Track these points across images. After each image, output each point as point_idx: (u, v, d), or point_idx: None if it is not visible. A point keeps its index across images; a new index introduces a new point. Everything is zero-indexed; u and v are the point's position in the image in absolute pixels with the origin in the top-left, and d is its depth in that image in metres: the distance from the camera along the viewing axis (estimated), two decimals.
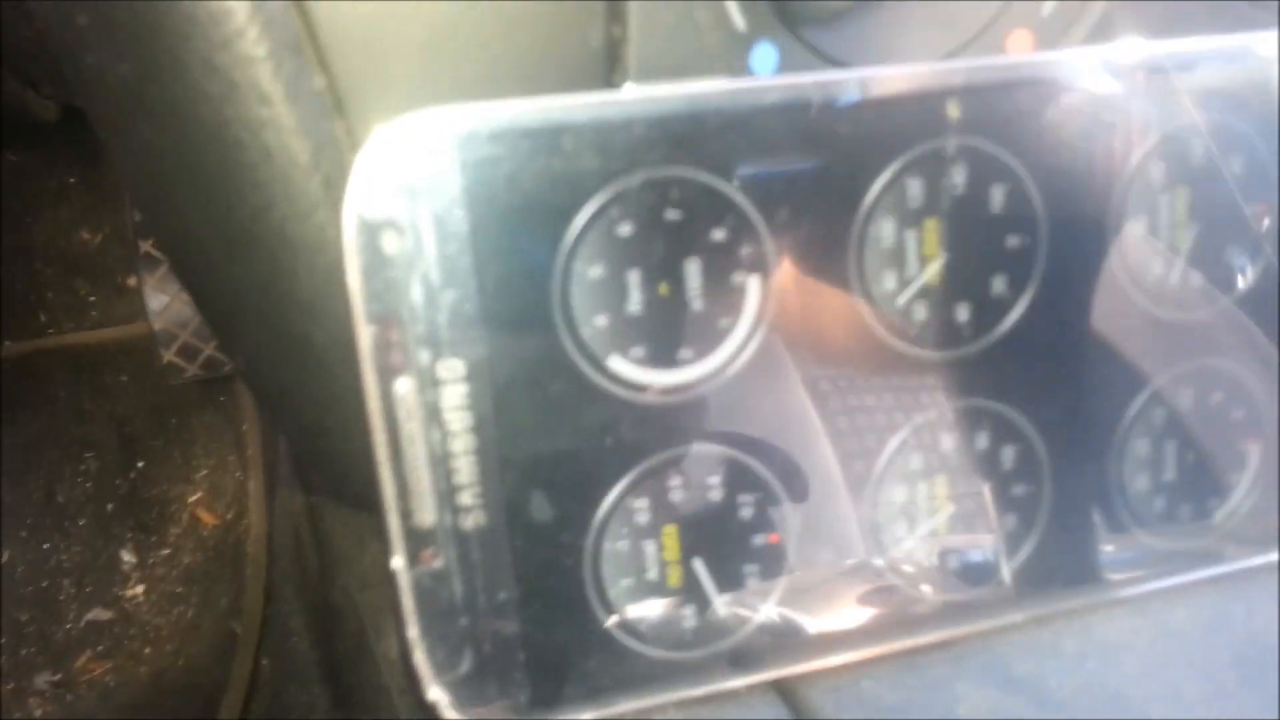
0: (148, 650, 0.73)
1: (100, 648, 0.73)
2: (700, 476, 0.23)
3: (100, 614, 0.75)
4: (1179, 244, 0.26)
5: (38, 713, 0.68)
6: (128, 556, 0.78)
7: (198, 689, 0.70)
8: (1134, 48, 0.24)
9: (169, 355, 0.75)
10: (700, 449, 0.23)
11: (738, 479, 0.24)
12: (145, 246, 0.79)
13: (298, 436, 0.27)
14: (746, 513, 0.24)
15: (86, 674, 0.71)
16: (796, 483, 0.24)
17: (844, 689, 0.25)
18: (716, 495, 0.23)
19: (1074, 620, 0.27)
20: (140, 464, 0.81)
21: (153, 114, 0.20)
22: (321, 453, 0.26)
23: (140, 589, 0.76)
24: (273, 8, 0.19)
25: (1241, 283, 0.26)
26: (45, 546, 0.77)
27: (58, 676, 0.71)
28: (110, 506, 0.79)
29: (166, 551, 0.79)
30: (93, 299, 0.87)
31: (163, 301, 0.77)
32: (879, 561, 0.25)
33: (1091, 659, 0.26)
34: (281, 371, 0.24)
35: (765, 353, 0.23)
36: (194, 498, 0.81)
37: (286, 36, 0.19)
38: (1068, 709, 0.25)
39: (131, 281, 0.88)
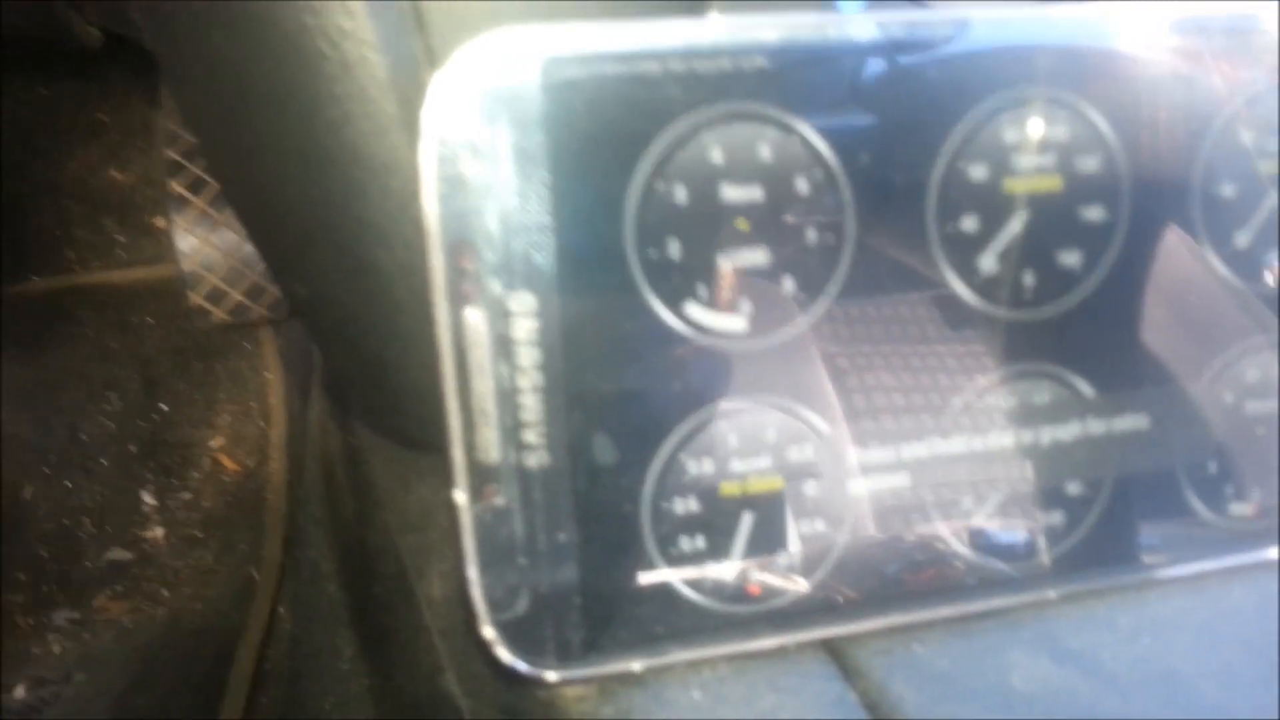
0: (166, 592, 0.74)
1: (119, 588, 0.73)
2: (763, 430, 0.23)
3: (120, 554, 0.76)
4: (1261, 212, 0.25)
5: (56, 649, 0.69)
6: (149, 498, 0.79)
7: (214, 633, 0.70)
8: (1224, 6, 0.24)
9: (197, 299, 0.74)
10: (766, 401, 0.23)
11: (802, 433, 0.23)
12: (177, 187, 0.78)
13: (354, 369, 0.26)
14: (806, 472, 0.23)
15: (104, 613, 0.72)
16: (862, 438, 0.23)
17: (895, 652, 0.24)
18: (779, 449, 0.23)
19: (1130, 596, 0.26)
20: (163, 407, 0.82)
21: (229, 20, 0.20)
22: (378, 387, 0.26)
23: (160, 531, 0.77)
24: None
25: None
26: (68, 484, 0.77)
27: (76, 614, 0.71)
28: (133, 448, 0.80)
29: (187, 495, 0.79)
30: (121, 238, 0.87)
31: (192, 244, 0.77)
32: (936, 527, 0.24)
33: (1145, 635, 0.26)
34: (345, 299, 0.24)
35: (840, 307, 0.22)
36: (216, 443, 0.82)
37: None
38: (1120, 683, 0.24)
39: (160, 223, 0.88)
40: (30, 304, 0.84)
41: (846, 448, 0.23)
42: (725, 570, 0.23)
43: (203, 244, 0.77)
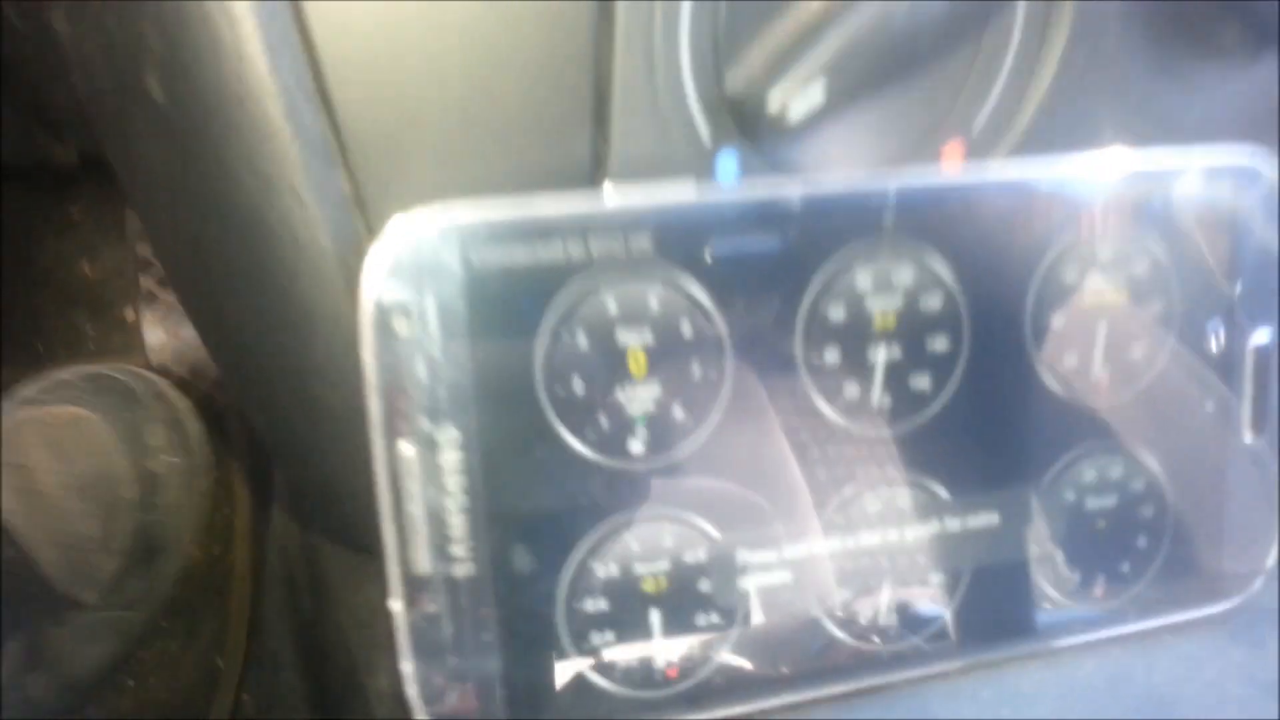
0: (131, 682, 0.74)
1: None
2: (662, 536, 0.26)
3: None
4: (1089, 337, 0.29)
5: None
6: None
7: None
8: (1039, 162, 0.28)
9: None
10: (662, 511, 0.26)
11: (695, 539, 0.26)
12: (147, 283, 0.81)
13: (308, 486, 0.29)
14: (703, 569, 0.27)
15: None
16: (749, 542, 0.27)
17: None
18: (676, 553, 0.26)
19: (992, 672, 0.29)
20: None
21: (194, 199, 0.23)
22: (328, 502, 0.29)
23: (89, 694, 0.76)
24: (307, 119, 0.22)
25: (1143, 375, 0.30)
26: None
27: None
28: None
29: (126, 655, 0.79)
30: (90, 331, 0.89)
31: (160, 338, 0.79)
32: (817, 617, 0.28)
33: (1006, 706, 0.29)
34: (298, 430, 0.27)
35: (723, 429, 0.26)
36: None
37: (317, 143, 0.22)
38: None
39: (129, 315, 0.90)
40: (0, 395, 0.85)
41: (735, 550, 0.27)
42: (634, 660, 0.26)
43: (171, 338, 0.79)
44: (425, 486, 0.24)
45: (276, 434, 0.29)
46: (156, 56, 0.22)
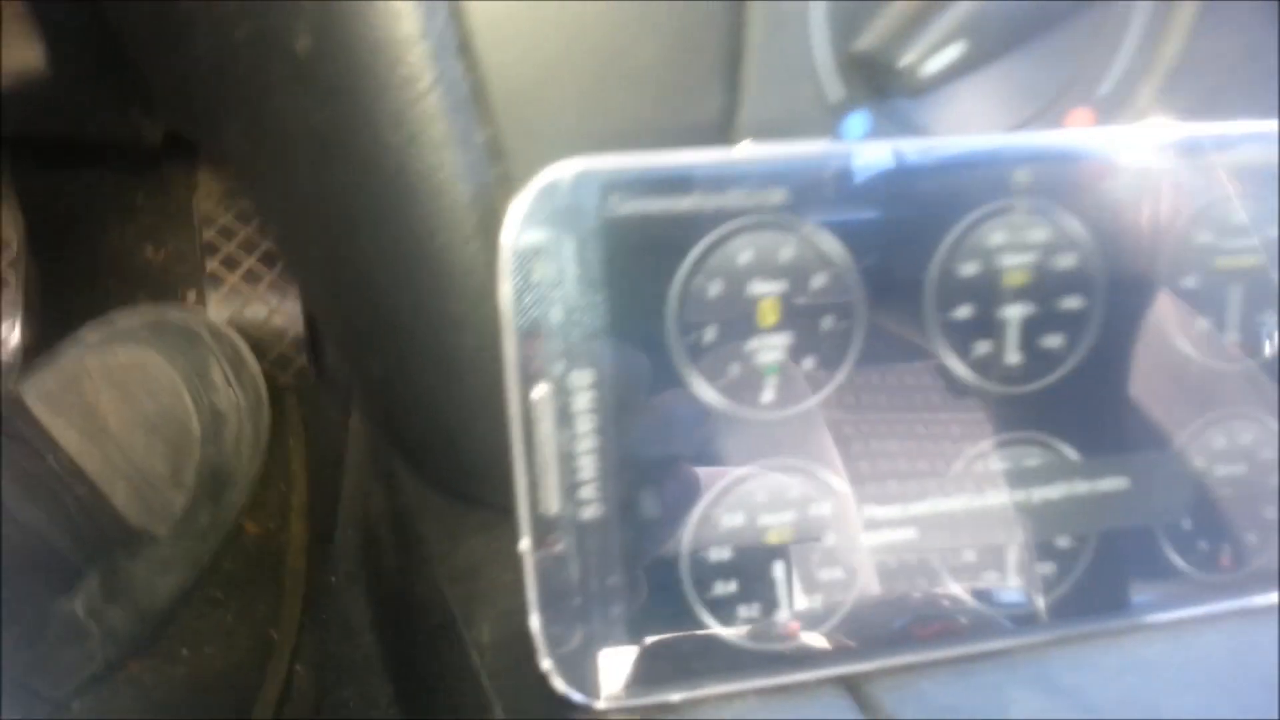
0: (186, 651, 0.76)
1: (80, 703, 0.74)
2: (788, 488, 0.26)
3: None
4: (1223, 301, 0.29)
5: (74, 705, 0.70)
6: None
7: (233, 690, 0.72)
8: (1174, 128, 0.28)
9: None
10: (789, 465, 0.26)
11: (821, 492, 0.26)
12: (212, 265, 0.83)
13: (423, 436, 0.30)
14: (827, 523, 0.27)
15: (124, 670, 0.73)
16: (875, 497, 0.27)
17: (905, 688, 0.27)
18: (801, 506, 0.26)
19: (1116, 639, 0.29)
20: None
21: (340, 156, 0.24)
22: (444, 453, 0.29)
23: (163, 625, 0.77)
24: (452, 73, 0.22)
25: (1269, 346, 0.29)
26: None
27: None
28: None
29: (193, 584, 0.80)
30: None
31: (224, 318, 0.81)
32: (940, 577, 0.28)
33: (1130, 674, 0.28)
34: (421, 379, 0.27)
35: (852, 382, 0.26)
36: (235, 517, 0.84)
37: (461, 97, 0.23)
38: (1107, 716, 0.27)
39: (191, 296, 0.92)
40: None
41: (859, 505, 0.27)
42: (754, 612, 0.27)
43: (234, 317, 0.81)
44: (558, 429, 0.24)
45: (396, 387, 0.29)
46: (306, 14, 0.22)
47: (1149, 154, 0.27)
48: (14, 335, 0.71)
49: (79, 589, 0.52)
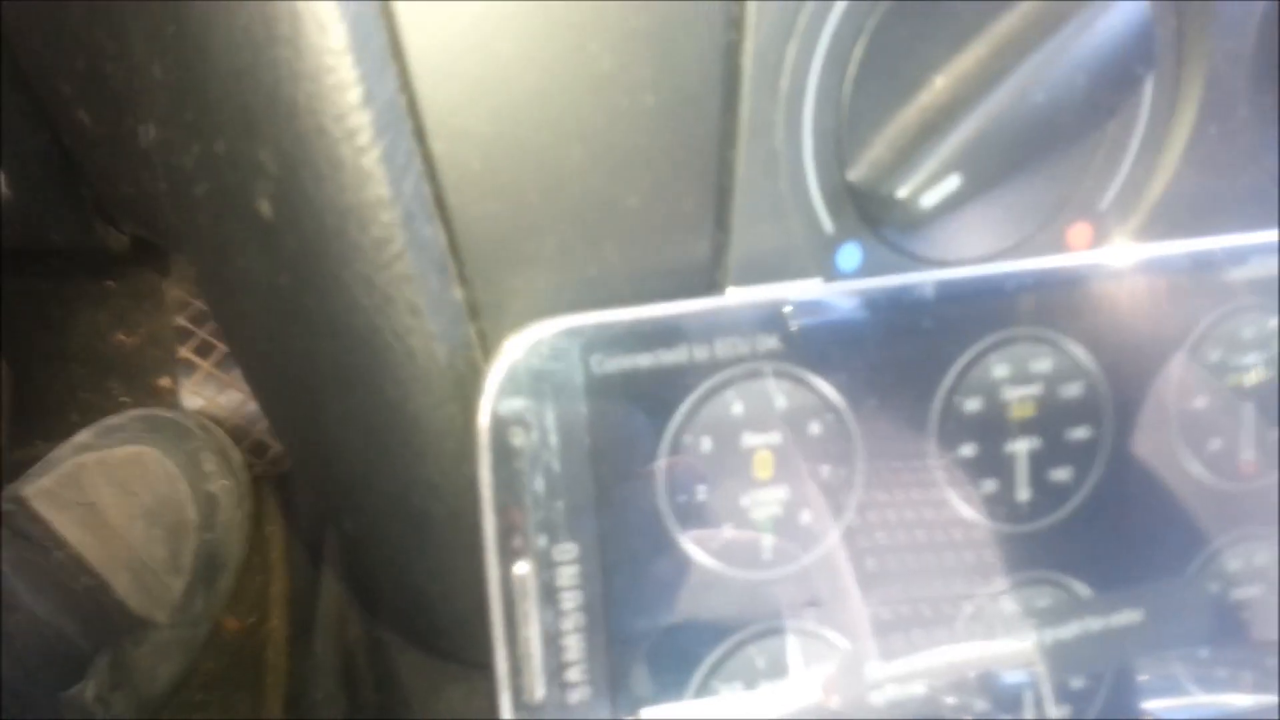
0: None
1: None
2: (790, 651, 0.25)
3: None
4: (1235, 420, 0.27)
5: None
6: None
7: None
8: (1178, 244, 0.27)
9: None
10: (791, 625, 0.24)
11: (826, 652, 0.25)
12: (185, 352, 0.81)
13: (396, 594, 0.28)
14: (834, 685, 0.25)
15: None
16: (883, 652, 0.25)
17: None
18: (806, 669, 0.25)
19: None
20: None
21: (305, 319, 0.22)
22: (416, 610, 0.27)
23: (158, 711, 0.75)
24: (425, 233, 0.21)
25: None
26: None
27: None
28: None
29: (186, 671, 0.78)
30: (126, 400, 0.89)
31: (198, 405, 0.79)
32: None
33: None
34: (395, 540, 0.26)
35: (854, 533, 0.25)
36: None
37: (435, 256, 0.21)
38: None
39: (165, 383, 0.90)
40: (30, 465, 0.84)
41: (867, 661, 0.25)
42: None
43: (209, 404, 0.79)
44: (541, 608, 0.22)
45: (370, 546, 0.27)
46: (270, 177, 0.21)
47: (1153, 272, 0.26)
48: None
49: (90, 676, 0.54)
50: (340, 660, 0.50)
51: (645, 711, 0.24)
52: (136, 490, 0.61)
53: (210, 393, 0.80)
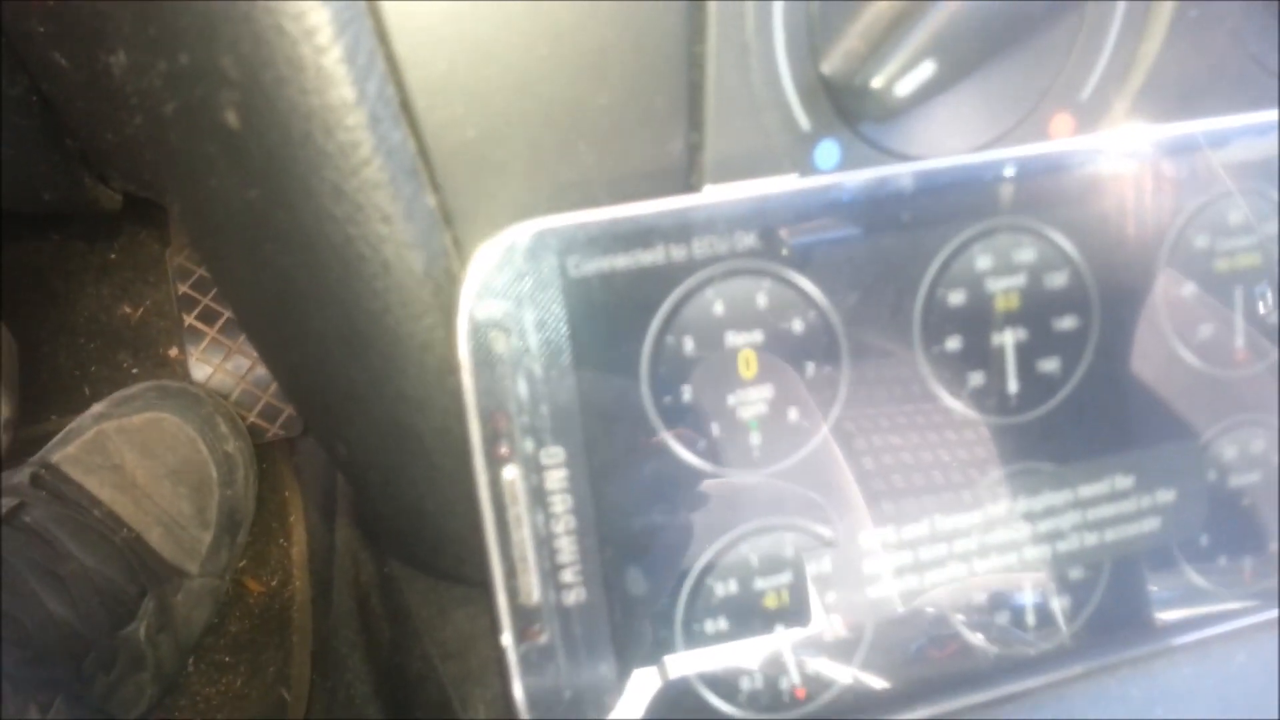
0: None
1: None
2: (782, 546, 0.25)
3: None
4: (1224, 305, 0.27)
5: None
6: None
7: None
8: (1164, 128, 0.26)
9: None
10: (781, 520, 0.25)
11: (817, 547, 0.25)
12: (190, 320, 0.81)
13: (393, 516, 0.28)
14: (826, 579, 0.25)
15: None
16: (875, 546, 0.25)
17: None
18: (798, 564, 0.25)
19: (1139, 668, 0.28)
20: None
21: (278, 234, 0.22)
22: (416, 531, 0.28)
23: (190, 660, 0.77)
24: (393, 137, 0.21)
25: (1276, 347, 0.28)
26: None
27: None
28: None
29: (214, 621, 0.80)
30: (135, 371, 0.90)
31: (206, 372, 0.79)
32: (952, 622, 0.26)
33: (1158, 705, 0.27)
34: (386, 459, 0.26)
35: (840, 429, 0.25)
36: (240, 566, 0.83)
37: (405, 161, 0.21)
38: None
39: (173, 352, 0.91)
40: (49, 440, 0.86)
41: (860, 557, 0.25)
42: (758, 682, 0.25)
43: (216, 371, 0.79)
44: (531, 512, 0.23)
45: (360, 464, 0.27)
46: (234, 84, 0.21)
47: (1137, 157, 0.26)
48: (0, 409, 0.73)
49: (140, 616, 0.58)
50: (356, 607, 0.51)
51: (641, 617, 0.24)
52: (159, 453, 0.64)
53: (217, 359, 0.80)
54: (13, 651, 0.48)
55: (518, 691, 0.23)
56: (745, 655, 0.25)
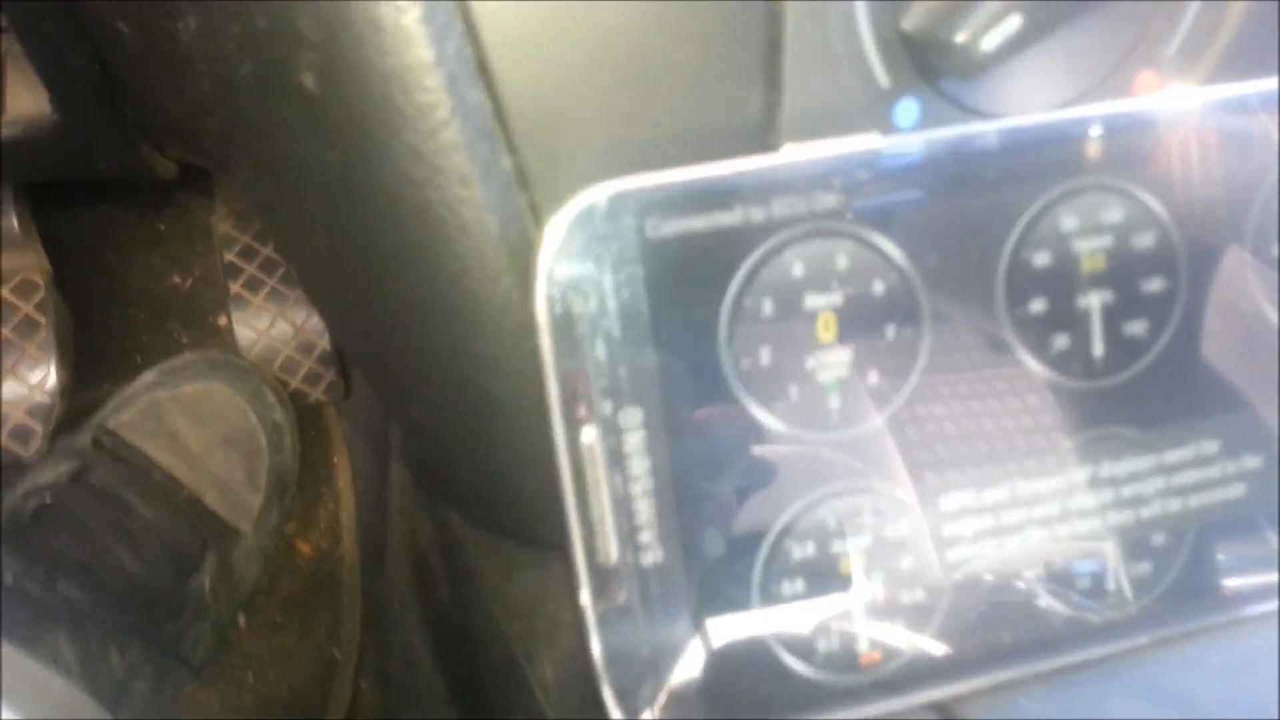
0: (251, 677, 0.76)
1: (206, 676, 0.76)
2: (861, 510, 0.25)
3: None
4: None
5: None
6: None
7: (300, 711, 0.72)
8: (1253, 83, 0.25)
9: None
10: (860, 485, 0.24)
11: (897, 511, 0.25)
12: (236, 287, 0.82)
13: (465, 478, 0.28)
14: (905, 544, 0.25)
15: (192, 700, 0.74)
16: (956, 511, 0.25)
17: (1001, 707, 0.26)
18: (877, 528, 0.25)
19: (1220, 635, 0.27)
20: None
21: (356, 198, 0.22)
22: (489, 493, 0.28)
23: (241, 619, 0.79)
24: (471, 99, 0.21)
25: None
26: None
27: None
28: None
29: (265, 581, 0.82)
30: (185, 340, 0.91)
31: (250, 339, 0.81)
32: (1030, 587, 0.26)
33: (1240, 672, 0.27)
34: (460, 423, 0.26)
35: (921, 394, 0.24)
36: (289, 528, 0.84)
37: (482, 123, 0.21)
38: (1218, 718, 0.25)
39: (222, 321, 0.92)
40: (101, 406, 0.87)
41: (939, 521, 0.25)
42: (833, 645, 0.25)
43: (261, 338, 0.80)
44: (609, 473, 0.23)
45: (432, 426, 0.28)
46: (312, 46, 0.21)
47: (1225, 115, 0.25)
48: (50, 377, 0.75)
49: (203, 567, 0.62)
50: (411, 568, 0.51)
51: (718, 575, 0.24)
52: (210, 421, 0.67)
53: (262, 326, 0.81)
54: (93, 599, 0.52)
55: (596, 649, 0.23)
56: (822, 616, 0.25)
